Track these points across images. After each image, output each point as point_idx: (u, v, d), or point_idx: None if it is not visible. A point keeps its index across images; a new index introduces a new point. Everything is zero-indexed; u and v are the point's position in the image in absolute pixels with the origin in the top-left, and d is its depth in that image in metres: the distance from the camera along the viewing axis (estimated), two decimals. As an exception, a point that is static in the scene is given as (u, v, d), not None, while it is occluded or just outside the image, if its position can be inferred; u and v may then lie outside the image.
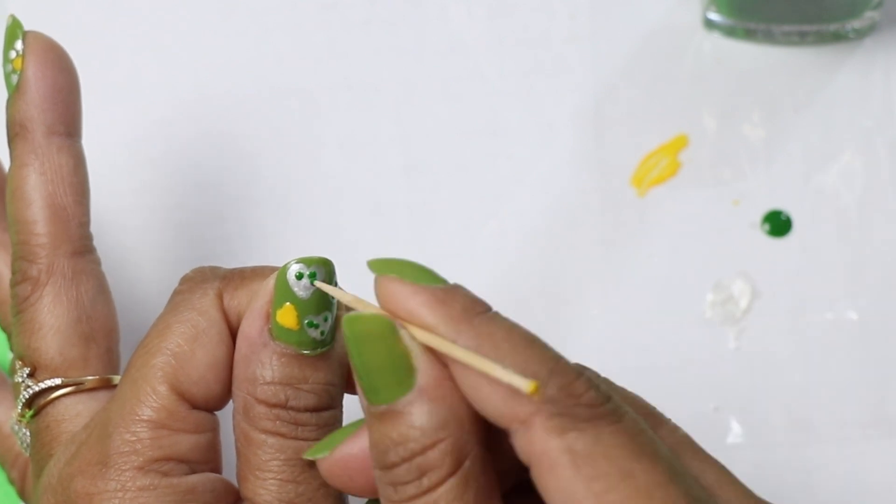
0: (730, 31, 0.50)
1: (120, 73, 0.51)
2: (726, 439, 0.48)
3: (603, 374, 0.49)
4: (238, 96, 0.51)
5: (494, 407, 0.29)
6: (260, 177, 0.50)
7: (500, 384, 0.29)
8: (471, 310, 0.30)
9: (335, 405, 0.36)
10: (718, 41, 0.50)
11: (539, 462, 0.28)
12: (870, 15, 0.49)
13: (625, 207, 0.50)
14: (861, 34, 0.50)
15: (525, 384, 0.28)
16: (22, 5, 0.51)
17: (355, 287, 0.49)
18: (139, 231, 0.50)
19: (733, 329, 0.49)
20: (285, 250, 0.50)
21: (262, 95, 0.51)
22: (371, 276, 0.50)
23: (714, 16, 0.50)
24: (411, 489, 0.29)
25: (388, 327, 0.30)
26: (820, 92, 0.50)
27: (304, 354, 0.35)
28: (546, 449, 0.28)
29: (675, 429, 0.32)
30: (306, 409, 0.35)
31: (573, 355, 0.49)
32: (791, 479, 0.48)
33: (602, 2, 0.51)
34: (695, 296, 0.49)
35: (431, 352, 0.30)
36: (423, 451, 0.29)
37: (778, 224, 0.50)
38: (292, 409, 0.34)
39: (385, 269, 0.31)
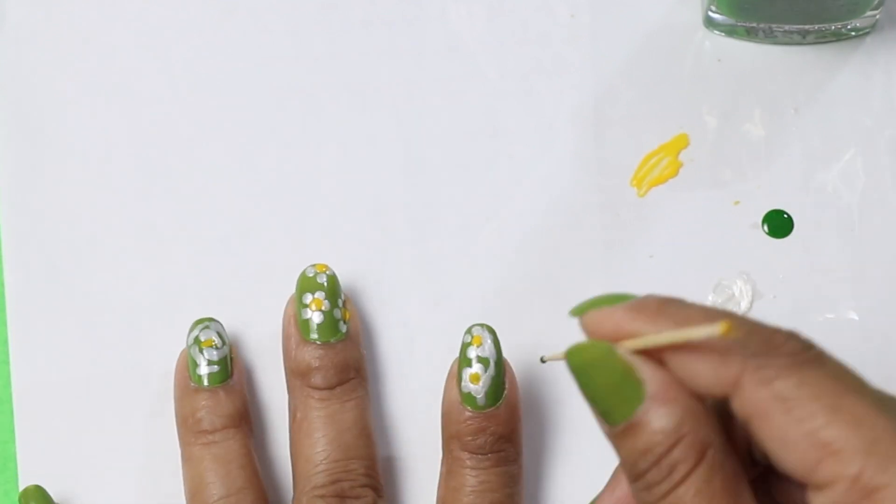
0: (730, 31, 0.50)
1: (119, 72, 0.51)
2: (727, 440, 0.48)
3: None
4: (238, 96, 0.51)
5: (708, 381, 0.31)
6: (259, 177, 0.50)
7: (705, 354, 0.31)
8: (665, 305, 0.33)
9: None
10: (719, 40, 0.50)
11: (754, 417, 0.31)
12: (871, 14, 0.48)
13: (625, 207, 0.50)
14: (862, 33, 0.50)
15: (716, 327, 0.30)
16: (22, 5, 0.51)
17: (358, 287, 0.49)
18: (137, 230, 0.50)
19: (734, 329, 0.49)
20: (284, 250, 0.50)
21: (262, 95, 0.51)
22: (372, 283, 0.50)
23: (715, 15, 0.49)
24: (664, 487, 0.32)
25: (606, 348, 0.32)
26: (821, 91, 0.50)
27: None
28: (757, 401, 0.30)
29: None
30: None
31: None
32: (792, 481, 0.48)
33: (602, 2, 0.51)
34: (696, 296, 0.49)
35: (649, 359, 0.32)
36: (668, 450, 0.31)
37: (779, 224, 0.49)
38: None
39: (583, 309, 0.34)
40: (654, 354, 0.32)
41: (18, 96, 0.51)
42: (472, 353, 0.45)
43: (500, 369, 0.45)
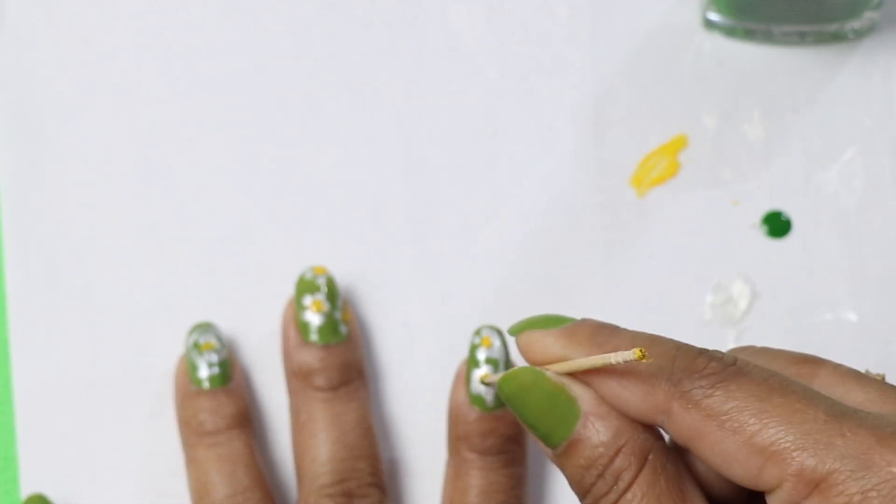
0: (730, 31, 0.50)
1: (119, 72, 0.51)
2: (726, 440, 0.48)
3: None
4: (238, 96, 0.51)
5: (638, 410, 0.32)
6: (259, 177, 0.50)
7: (633, 383, 0.32)
8: (596, 332, 0.34)
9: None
10: (718, 41, 0.50)
11: (691, 439, 0.31)
12: (869, 15, 0.49)
13: (624, 208, 0.50)
14: (861, 34, 0.50)
15: (630, 353, 0.31)
16: (22, 5, 0.51)
17: (358, 287, 0.49)
18: (137, 230, 0.50)
19: (733, 330, 0.49)
20: (284, 251, 0.50)
21: (262, 95, 0.51)
22: (368, 279, 0.50)
23: (714, 16, 0.49)
24: (612, 497, 0.33)
25: (536, 373, 0.34)
26: (820, 92, 0.50)
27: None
28: (690, 423, 0.31)
29: (837, 366, 0.34)
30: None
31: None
32: (791, 480, 0.48)
33: (602, 2, 0.51)
34: (694, 297, 0.49)
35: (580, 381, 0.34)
36: (611, 461, 0.33)
37: (778, 225, 0.49)
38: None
39: (520, 329, 0.35)
40: (586, 383, 0.33)
41: (18, 96, 0.51)
42: (482, 354, 0.45)
43: None
